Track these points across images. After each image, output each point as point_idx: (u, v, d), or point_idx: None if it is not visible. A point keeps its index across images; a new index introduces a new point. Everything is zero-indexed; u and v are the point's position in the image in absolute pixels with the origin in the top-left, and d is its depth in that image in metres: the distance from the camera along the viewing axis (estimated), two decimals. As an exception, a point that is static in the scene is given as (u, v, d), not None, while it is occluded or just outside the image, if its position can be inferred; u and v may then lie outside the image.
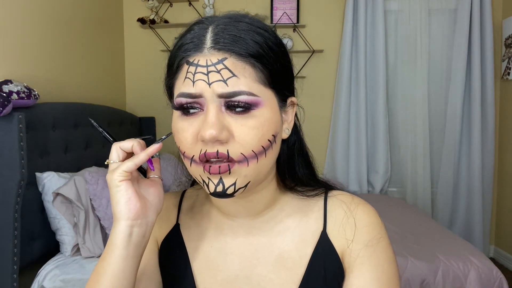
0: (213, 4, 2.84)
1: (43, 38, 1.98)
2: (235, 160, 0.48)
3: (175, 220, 0.64)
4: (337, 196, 0.61)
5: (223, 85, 0.47)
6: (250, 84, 0.48)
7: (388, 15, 2.90)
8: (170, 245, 0.63)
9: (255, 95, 0.48)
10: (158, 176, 0.57)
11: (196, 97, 0.49)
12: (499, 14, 2.84)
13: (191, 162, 0.51)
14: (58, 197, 1.59)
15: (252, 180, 0.51)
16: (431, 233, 1.91)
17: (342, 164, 2.94)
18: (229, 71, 0.47)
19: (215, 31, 0.49)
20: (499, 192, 2.92)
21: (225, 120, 0.48)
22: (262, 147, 0.49)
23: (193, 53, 0.49)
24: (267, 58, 0.50)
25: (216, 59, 0.48)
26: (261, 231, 0.59)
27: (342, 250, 0.57)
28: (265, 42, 0.50)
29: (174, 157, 2.63)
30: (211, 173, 0.49)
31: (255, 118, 0.49)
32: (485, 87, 2.78)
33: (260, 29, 0.50)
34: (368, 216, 0.58)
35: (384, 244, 0.57)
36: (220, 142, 0.48)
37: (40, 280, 1.53)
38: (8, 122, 1.42)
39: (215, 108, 0.48)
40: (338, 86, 2.90)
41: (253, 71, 0.49)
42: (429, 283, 1.55)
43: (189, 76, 0.49)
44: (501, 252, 2.90)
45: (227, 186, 0.49)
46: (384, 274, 0.55)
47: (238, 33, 0.49)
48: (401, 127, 2.94)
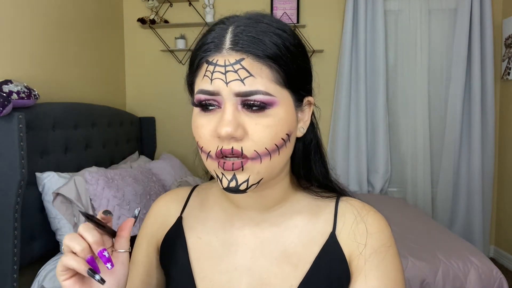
0: (213, 4, 2.84)
1: (43, 38, 1.98)
2: (249, 157, 0.50)
3: (179, 213, 0.66)
4: (348, 201, 0.62)
5: (240, 84, 0.49)
6: (266, 84, 0.49)
7: (388, 15, 2.90)
8: (172, 238, 0.65)
9: (271, 95, 0.50)
10: (124, 250, 0.51)
11: (213, 94, 0.50)
12: (499, 14, 2.84)
13: (207, 157, 0.52)
14: (58, 197, 1.58)
15: (265, 177, 0.52)
16: (431, 233, 1.91)
17: (342, 164, 2.94)
18: (246, 71, 0.49)
19: (234, 32, 0.50)
20: (499, 192, 2.92)
21: (240, 118, 0.49)
22: (276, 145, 0.51)
23: (212, 53, 0.51)
24: (284, 59, 0.51)
25: (234, 60, 0.49)
26: (269, 225, 0.60)
27: (350, 254, 0.57)
28: (282, 43, 0.51)
29: (175, 157, 2.63)
30: (225, 169, 0.50)
31: (270, 117, 0.50)
32: (485, 87, 2.78)
33: (279, 30, 0.52)
34: (379, 223, 0.59)
35: (393, 252, 0.57)
36: (235, 139, 0.49)
37: (40, 280, 1.53)
38: (8, 122, 1.42)
39: (232, 106, 0.49)
40: (338, 86, 2.90)
41: (270, 72, 0.50)
42: (429, 283, 1.55)
43: (207, 74, 0.50)
44: (501, 252, 2.90)
45: (240, 182, 0.51)
46: (391, 282, 0.55)
47: (256, 34, 0.50)
48: (401, 127, 2.94)
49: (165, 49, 2.95)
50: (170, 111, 2.98)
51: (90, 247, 0.47)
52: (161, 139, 3.01)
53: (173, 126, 2.99)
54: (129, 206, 1.74)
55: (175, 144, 2.96)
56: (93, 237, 0.46)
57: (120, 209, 1.69)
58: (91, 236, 0.46)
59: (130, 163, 2.37)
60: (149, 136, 2.91)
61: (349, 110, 2.90)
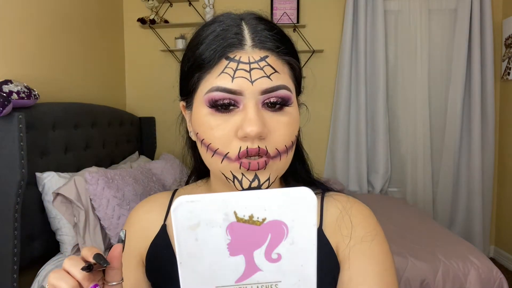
0: (213, 4, 2.84)
1: (43, 38, 1.98)
2: (272, 155, 0.50)
3: (163, 221, 0.63)
4: (333, 195, 0.62)
5: (268, 80, 0.49)
6: (288, 80, 0.51)
7: (388, 15, 2.90)
8: (158, 249, 0.61)
9: (292, 92, 0.51)
10: (117, 282, 0.43)
11: (234, 93, 0.48)
12: (499, 14, 2.84)
13: (224, 159, 0.50)
14: (58, 197, 1.59)
15: (279, 174, 0.53)
16: (431, 233, 1.91)
17: (342, 164, 2.94)
18: (271, 68, 0.49)
19: (254, 30, 0.51)
20: (499, 192, 2.92)
21: (263, 117, 0.49)
22: (292, 142, 0.52)
23: (234, 49, 0.49)
24: (295, 58, 0.53)
25: (259, 57, 0.49)
26: None
27: (337, 246, 0.58)
28: (292, 42, 0.54)
29: (174, 157, 2.63)
30: (250, 169, 0.49)
31: (288, 115, 0.51)
32: (485, 87, 2.78)
33: (283, 31, 0.54)
34: (362, 214, 0.60)
35: (380, 239, 0.58)
36: (259, 138, 0.49)
37: (40, 280, 1.53)
38: (8, 122, 1.42)
39: (255, 105, 0.49)
40: (338, 86, 2.90)
41: (289, 70, 0.52)
42: (429, 283, 1.55)
43: (227, 71, 0.49)
44: (501, 252, 2.90)
45: (262, 181, 0.50)
46: (379, 265, 0.55)
47: (275, 33, 0.51)
48: (401, 127, 2.94)
49: (165, 49, 2.95)
50: (170, 111, 2.96)
51: (80, 284, 0.40)
52: (161, 139, 3.01)
53: (173, 126, 2.98)
54: (129, 206, 1.73)
55: (175, 144, 2.95)
56: (81, 273, 0.40)
57: (120, 209, 1.69)
58: (79, 273, 0.40)
59: (130, 163, 2.37)
60: (149, 136, 2.91)
61: (349, 110, 2.90)
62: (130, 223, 0.65)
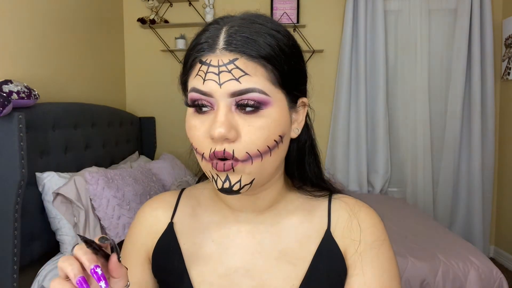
0: (213, 4, 2.84)
1: (43, 38, 1.98)
2: (240, 159, 0.50)
3: (170, 219, 0.64)
4: (341, 198, 0.63)
5: (236, 83, 0.48)
6: (262, 83, 0.49)
7: (388, 15, 2.90)
8: (164, 246, 0.62)
9: (266, 94, 0.50)
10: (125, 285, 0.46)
11: (206, 95, 0.50)
12: (499, 14, 2.84)
13: (202, 158, 0.52)
14: (58, 197, 1.59)
15: (257, 177, 0.52)
16: (431, 233, 1.91)
17: (342, 164, 2.94)
18: (240, 70, 0.49)
19: (228, 33, 0.50)
20: (499, 192, 2.92)
21: (233, 120, 0.49)
22: (268, 146, 0.51)
23: (206, 53, 0.50)
24: (278, 59, 0.50)
25: (228, 60, 0.49)
26: (266, 226, 0.60)
27: (345, 249, 0.58)
28: (277, 44, 0.51)
29: (175, 157, 2.63)
30: (217, 170, 0.50)
31: (263, 119, 0.50)
32: (485, 87, 2.78)
33: (273, 31, 0.51)
34: (371, 218, 0.60)
35: (387, 246, 0.59)
36: (228, 140, 0.49)
37: (40, 280, 1.53)
38: (8, 122, 1.42)
39: (225, 107, 0.49)
40: (338, 86, 2.90)
41: (264, 71, 0.50)
42: (429, 283, 1.55)
43: (200, 74, 0.50)
44: (501, 252, 2.90)
45: (233, 183, 0.51)
46: (385, 273, 0.56)
47: (250, 35, 0.50)
48: (401, 127, 2.94)
49: (165, 49, 2.95)
50: (170, 111, 2.98)
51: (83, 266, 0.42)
52: (161, 139, 3.01)
53: (173, 126, 2.99)
54: (129, 206, 1.74)
55: (175, 144, 2.96)
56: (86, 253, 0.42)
57: (120, 209, 1.69)
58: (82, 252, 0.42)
59: (130, 163, 2.37)
60: (149, 136, 2.91)
61: (349, 110, 2.90)
62: (137, 220, 0.66)
